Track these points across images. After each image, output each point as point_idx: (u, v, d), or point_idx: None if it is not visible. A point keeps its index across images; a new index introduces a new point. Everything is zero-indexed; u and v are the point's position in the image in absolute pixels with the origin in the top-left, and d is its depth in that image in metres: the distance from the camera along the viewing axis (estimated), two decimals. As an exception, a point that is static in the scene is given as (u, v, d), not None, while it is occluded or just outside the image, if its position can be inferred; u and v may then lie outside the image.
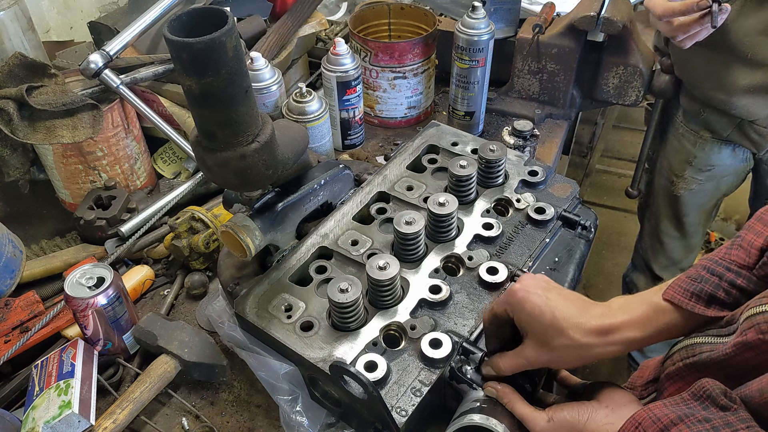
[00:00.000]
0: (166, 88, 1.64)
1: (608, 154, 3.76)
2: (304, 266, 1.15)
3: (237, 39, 0.83)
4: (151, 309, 1.36)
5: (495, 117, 1.91)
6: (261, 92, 1.58)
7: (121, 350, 1.25)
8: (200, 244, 1.36)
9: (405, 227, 1.09)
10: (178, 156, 1.73)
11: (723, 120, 1.71)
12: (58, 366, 1.15)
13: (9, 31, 1.54)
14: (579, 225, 1.20)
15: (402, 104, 1.82)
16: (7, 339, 1.22)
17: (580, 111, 2.02)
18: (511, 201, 1.24)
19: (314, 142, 1.61)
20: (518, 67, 1.85)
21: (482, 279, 1.08)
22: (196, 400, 1.21)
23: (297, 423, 1.06)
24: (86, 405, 1.10)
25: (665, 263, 2.17)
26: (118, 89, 1.50)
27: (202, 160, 0.96)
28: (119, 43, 1.51)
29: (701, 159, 1.84)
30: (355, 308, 1.00)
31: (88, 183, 1.54)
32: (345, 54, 1.62)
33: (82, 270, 1.20)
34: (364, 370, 0.95)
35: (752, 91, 1.58)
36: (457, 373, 0.96)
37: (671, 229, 2.08)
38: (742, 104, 1.61)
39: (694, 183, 1.91)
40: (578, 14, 1.70)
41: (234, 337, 1.11)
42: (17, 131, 1.33)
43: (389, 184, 1.30)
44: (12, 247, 1.27)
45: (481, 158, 1.24)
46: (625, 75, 1.80)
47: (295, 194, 1.17)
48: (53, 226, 1.59)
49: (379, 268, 1.01)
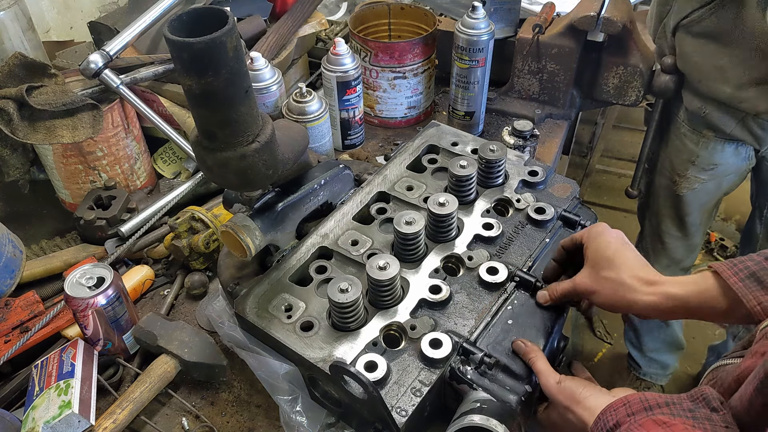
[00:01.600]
0: (166, 88, 1.64)
1: (608, 154, 3.76)
2: (304, 266, 1.15)
3: (237, 39, 0.83)
4: (151, 309, 1.36)
5: (495, 117, 1.91)
6: (261, 92, 1.58)
7: (121, 350, 1.25)
8: (200, 244, 1.36)
9: (405, 227, 1.09)
10: (178, 156, 1.73)
11: (726, 116, 1.70)
12: (58, 366, 1.15)
13: (9, 31, 1.54)
14: (579, 225, 1.19)
15: (402, 104, 1.82)
16: (7, 339, 1.22)
17: (580, 111, 2.02)
18: (511, 201, 1.24)
19: (314, 142, 1.61)
20: (518, 67, 1.85)
21: (482, 279, 1.08)
22: (196, 400, 1.21)
23: (297, 423, 1.06)
24: (86, 405, 1.10)
25: (667, 263, 2.17)
26: (118, 89, 1.50)
27: (202, 160, 0.95)
28: (119, 43, 1.51)
29: (704, 158, 1.84)
30: (355, 308, 1.00)
31: (88, 183, 1.54)
32: (345, 54, 1.62)
33: (82, 270, 1.20)
34: (364, 370, 0.95)
35: (759, 84, 1.57)
36: (457, 373, 0.96)
37: (673, 229, 2.08)
38: (748, 97, 1.60)
39: (697, 182, 1.91)
40: (578, 14, 1.70)
41: (234, 337, 1.11)
42: (17, 131, 1.33)
43: (389, 184, 1.29)
44: (12, 247, 1.27)
45: (481, 158, 1.24)
46: (625, 75, 1.80)
47: (295, 194, 1.17)
48: (53, 226, 1.59)
49: (379, 268, 1.01)
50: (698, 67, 1.68)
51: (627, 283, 0.93)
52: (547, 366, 0.94)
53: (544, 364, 0.94)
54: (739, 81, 1.60)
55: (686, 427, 0.68)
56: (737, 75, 1.60)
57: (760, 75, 1.56)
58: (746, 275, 0.83)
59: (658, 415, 0.72)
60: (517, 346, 0.98)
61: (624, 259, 0.94)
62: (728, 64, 1.60)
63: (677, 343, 2.50)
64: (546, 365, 0.94)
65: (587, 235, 1.01)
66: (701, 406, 0.72)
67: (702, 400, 0.73)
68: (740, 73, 1.59)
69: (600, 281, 0.96)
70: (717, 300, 0.87)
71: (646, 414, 0.73)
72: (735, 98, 1.63)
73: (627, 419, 0.74)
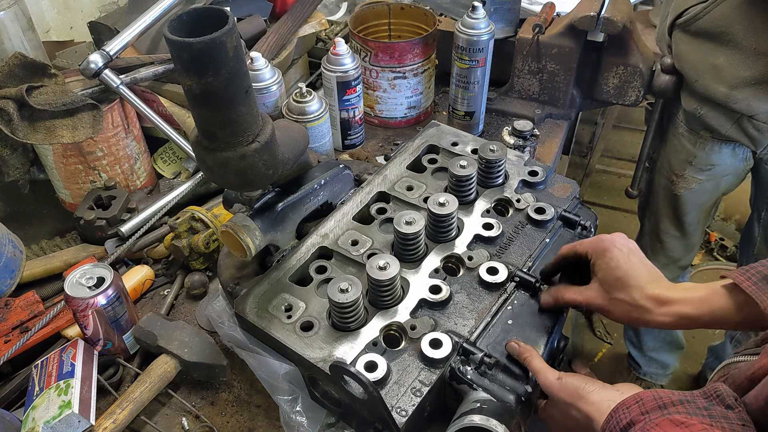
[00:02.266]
0: (166, 88, 1.64)
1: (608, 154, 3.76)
2: (304, 266, 1.15)
3: (237, 39, 0.83)
4: (151, 309, 1.36)
5: (495, 117, 1.91)
6: (261, 92, 1.58)
7: (121, 350, 1.25)
8: (200, 244, 1.36)
9: (405, 227, 1.09)
10: (178, 156, 1.73)
11: (722, 117, 1.70)
12: (58, 366, 1.15)
13: (9, 31, 1.54)
14: (579, 225, 1.20)
15: (402, 104, 1.82)
16: (7, 339, 1.22)
17: (580, 111, 2.02)
18: (511, 201, 1.24)
19: (314, 142, 1.61)
20: (518, 67, 1.85)
21: (482, 279, 1.08)
22: (196, 400, 1.21)
23: (297, 423, 1.06)
24: (86, 405, 1.10)
25: (665, 262, 2.18)
26: (118, 89, 1.50)
27: (202, 160, 0.95)
28: (119, 43, 1.51)
29: (701, 158, 1.84)
30: (355, 308, 1.00)
31: (88, 183, 1.54)
32: (345, 54, 1.61)
33: (82, 270, 1.20)
34: (364, 370, 0.95)
35: (754, 84, 1.57)
36: (457, 373, 0.96)
37: (671, 228, 2.08)
38: (743, 98, 1.60)
39: (695, 182, 1.91)
40: (578, 14, 1.70)
41: (234, 337, 1.11)
42: (17, 131, 1.33)
43: (389, 184, 1.29)
44: (12, 247, 1.27)
45: (481, 158, 1.24)
46: (625, 75, 1.80)
47: (295, 194, 1.17)
48: (53, 226, 1.59)
49: (379, 268, 1.01)
50: (694, 66, 1.68)
51: (640, 304, 0.92)
52: (543, 364, 0.94)
53: (540, 362, 0.94)
54: (735, 81, 1.60)
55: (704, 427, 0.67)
56: (733, 75, 1.60)
57: (755, 75, 1.56)
58: (759, 278, 0.83)
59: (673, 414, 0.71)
60: (511, 347, 0.98)
61: (635, 279, 0.93)
62: (724, 63, 1.60)
63: (677, 343, 2.51)
64: (542, 363, 0.94)
65: (593, 251, 0.99)
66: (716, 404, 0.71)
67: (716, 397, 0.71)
68: (736, 73, 1.59)
69: (613, 303, 0.95)
70: (730, 315, 0.86)
71: (661, 412, 0.72)
72: (730, 98, 1.63)
73: (641, 418, 0.73)
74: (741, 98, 1.61)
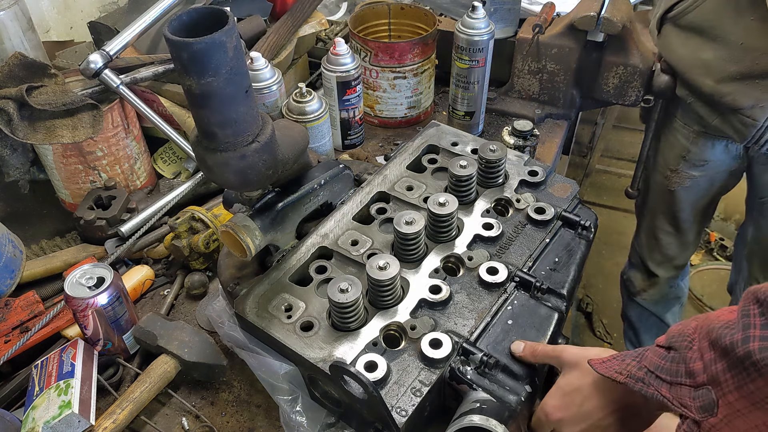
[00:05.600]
0: (166, 88, 1.64)
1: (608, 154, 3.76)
2: (304, 266, 1.15)
3: (237, 39, 0.83)
4: (151, 309, 1.36)
5: (495, 117, 1.91)
6: (261, 92, 1.58)
7: (121, 350, 1.25)
8: (200, 244, 1.36)
9: (405, 227, 1.09)
10: (178, 156, 1.73)
11: (707, 108, 1.71)
12: (58, 366, 1.15)
13: (9, 31, 1.54)
14: (579, 225, 1.19)
15: (402, 104, 1.82)
16: (7, 339, 1.22)
17: (580, 111, 2.02)
18: (511, 201, 1.24)
19: (314, 142, 1.61)
20: (518, 67, 1.85)
21: (482, 279, 1.08)
22: (196, 400, 1.21)
23: (297, 423, 1.06)
24: (86, 405, 1.10)
25: (660, 260, 2.18)
26: (118, 89, 1.50)
27: (202, 160, 0.95)
28: (119, 43, 1.51)
29: (695, 154, 1.85)
30: (355, 308, 1.00)
31: (88, 183, 1.54)
32: (345, 54, 1.62)
33: (82, 270, 1.20)
34: (364, 370, 0.95)
35: (740, 79, 1.58)
36: (457, 374, 0.96)
37: (666, 225, 2.09)
38: (729, 92, 1.61)
39: (688, 178, 1.92)
40: (578, 14, 1.70)
41: (234, 337, 1.11)
42: (17, 131, 1.33)
43: (389, 184, 1.29)
44: (12, 247, 1.27)
45: (481, 158, 1.24)
46: (625, 75, 1.80)
47: (295, 194, 1.17)
48: (53, 226, 1.59)
49: (379, 268, 1.01)
50: (683, 59, 1.69)
51: None
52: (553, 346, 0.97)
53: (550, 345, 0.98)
54: (722, 75, 1.60)
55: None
56: (720, 69, 1.60)
57: (741, 70, 1.57)
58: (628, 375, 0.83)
59: None
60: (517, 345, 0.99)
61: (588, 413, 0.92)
62: (712, 57, 1.61)
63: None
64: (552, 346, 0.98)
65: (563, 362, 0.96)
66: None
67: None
68: (723, 68, 1.60)
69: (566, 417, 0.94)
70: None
71: None
72: (717, 92, 1.63)
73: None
74: (727, 92, 1.61)
